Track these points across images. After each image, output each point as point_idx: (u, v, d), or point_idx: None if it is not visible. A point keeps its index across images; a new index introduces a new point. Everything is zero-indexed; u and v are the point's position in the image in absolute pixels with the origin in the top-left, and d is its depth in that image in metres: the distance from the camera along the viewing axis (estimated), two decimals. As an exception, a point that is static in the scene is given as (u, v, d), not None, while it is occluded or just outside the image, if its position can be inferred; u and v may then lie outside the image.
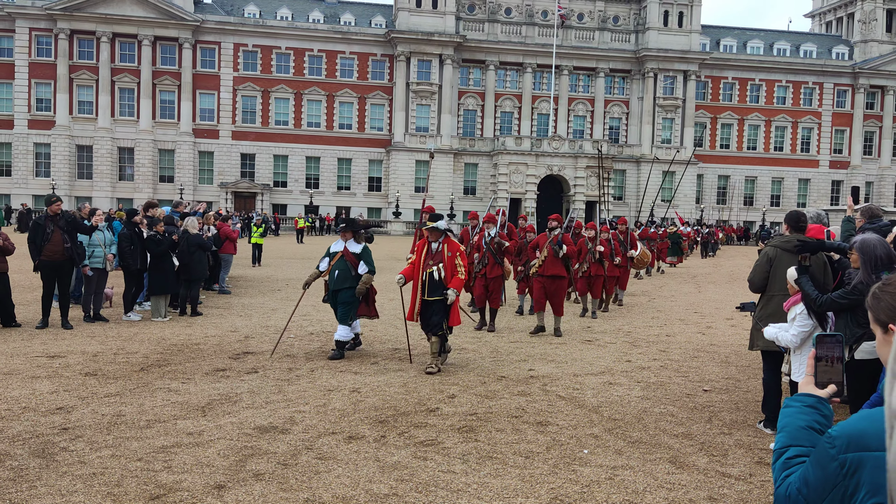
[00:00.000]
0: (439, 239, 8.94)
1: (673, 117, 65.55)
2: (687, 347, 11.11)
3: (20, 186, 57.30)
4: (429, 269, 8.81)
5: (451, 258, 8.82)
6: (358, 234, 9.81)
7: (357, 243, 9.72)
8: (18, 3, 56.52)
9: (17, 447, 5.68)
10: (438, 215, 9.20)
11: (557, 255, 11.43)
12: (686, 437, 6.45)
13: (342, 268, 9.60)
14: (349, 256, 9.66)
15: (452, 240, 8.99)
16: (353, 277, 9.54)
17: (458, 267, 8.79)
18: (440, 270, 8.76)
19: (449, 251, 8.85)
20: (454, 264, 8.80)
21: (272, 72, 61.13)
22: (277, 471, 5.32)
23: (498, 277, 12.06)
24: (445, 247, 8.89)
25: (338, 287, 9.57)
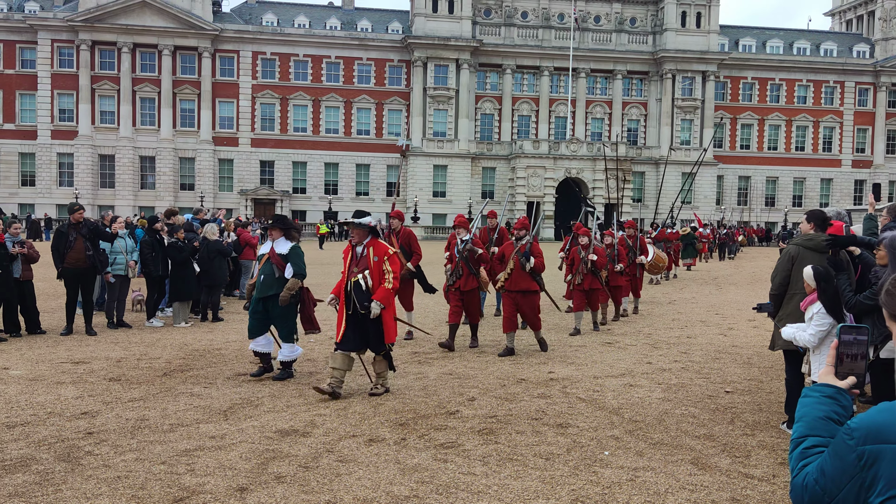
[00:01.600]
0: (364, 240, 7.57)
1: (692, 118, 65.14)
2: (708, 349, 11.03)
3: (44, 196, 58.09)
4: (354, 279, 7.46)
5: (378, 263, 7.46)
6: (288, 232, 8.58)
7: (287, 241, 8.50)
8: (40, 15, 57.38)
9: (43, 451, 5.76)
10: (363, 212, 7.76)
11: (524, 269, 9.83)
12: (708, 438, 6.40)
13: (267, 272, 8.39)
14: (275, 258, 8.40)
15: (380, 241, 7.63)
16: (279, 282, 8.32)
17: (386, 273, 7.43)
18: (366, 278, 7.42)
19: (375, 255, 7.48)
20: (382, 270, 7.45)
21: (290, 79, 61.55)
22: (299, 473, 5.35)
23: (474, 290, 10.76)
24: (371, 250, 7.51)
25: (262, 294, 8.35)
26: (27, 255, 11.13)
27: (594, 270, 12.06)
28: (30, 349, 10.15)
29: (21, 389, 7.78)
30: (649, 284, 21.30)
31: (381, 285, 7.40)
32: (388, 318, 7.54)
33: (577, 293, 12.15)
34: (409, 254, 10.93)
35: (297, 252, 8.43)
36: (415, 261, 11.03)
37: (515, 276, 9.89)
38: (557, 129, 64.70)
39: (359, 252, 7.58)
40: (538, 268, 9.94)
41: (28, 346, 10.43)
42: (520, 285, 9.90)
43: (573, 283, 12.22)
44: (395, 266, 7.54)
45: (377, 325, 7.46)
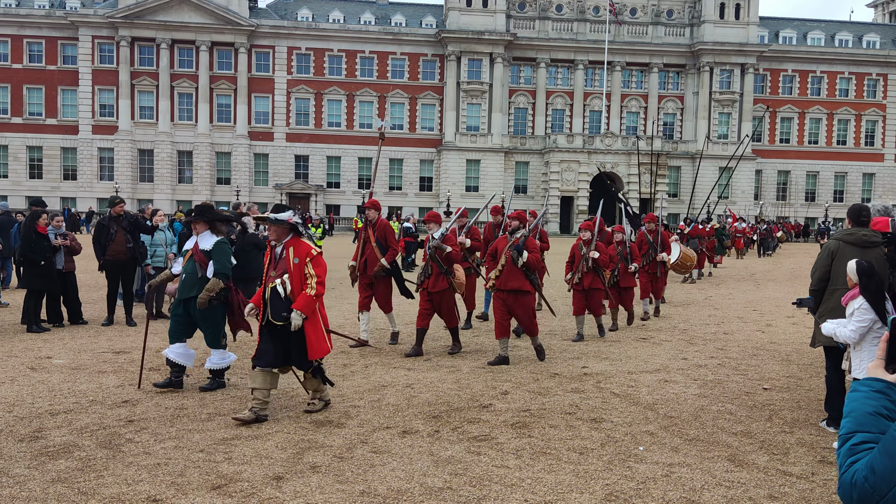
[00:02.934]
0: (283, 239, 6.55)
1: (730, 112, 64.12)
2: (745, 345, 10.88)
3: (85, 190, 59.29)
4: (271, 284, 6.50)
5: (298, 266, 6.43)
6: (214, 225, 7.59)
7: (213, 235, 7.53)
8: (81, 11, 58.49)
9: (86, 438, 5.90)
10: (282, 206, 6.74)
11: (516, 264, 8.87)
12: (745, 435, 6.32)
13: (189, 270, 7.46)
14: (198, 255, 7.47)
15: (302, 241, 6.55)
16: (201, 282, 7.36)
17: (309, 278, 6.39)
18: (285, 284, 6.44)
19: (296, 256, 6.43)
20: (303, 274, 6.43)
21: (325, 74, 61.92)
22: (334, 463, 5.41)
23: (445, 291, 9.62)
24: (291, 251, 6.47)
25: (183, 296, 7.44)
26: (70, 247, 11.38)
27: (596, 269, 10.86)
28: (72, 339, 10.39)
29: (64, 378, 7.97)
30: (683, 283, 20.83)
31: (303, 292, 6.37)
32: (313, 330, 6.47)
33: (576, 294, 11.01)
34: (385, 248, 9.93)
35: (221, 248, 7.43)
36: (390, 256, 9.93)
37: (507, 273, 8.97)
38: (592, 124, 64.17)
39: (278, 253, 6.57)
40: (532, 264, 8.93)
41: (70, 335, 10.67)
42: (511, 284, 8.94)
43: (571, 282, 11.03)
44: (319, 269, 6.42)
45: (299, 338, 6.44)
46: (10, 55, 58.55)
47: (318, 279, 6.41)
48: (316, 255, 6.50)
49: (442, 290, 9.54)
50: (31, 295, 10.96)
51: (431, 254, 9.49)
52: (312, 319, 6.45)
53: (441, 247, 9.47)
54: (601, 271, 10.95)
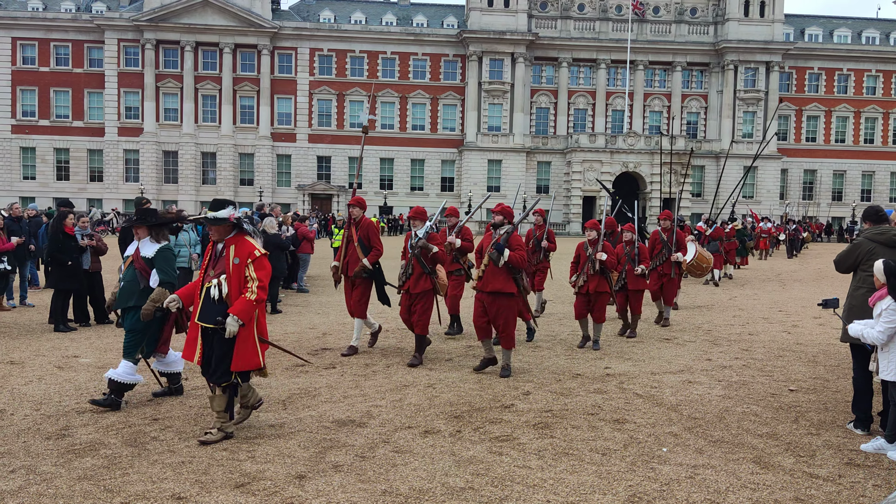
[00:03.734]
0: (224, 237, 5.95)
1: (755, 110, 63.44)
2: (771, 346, 10.75)
3: (111, 191, 60.05)
4: (208, 284, 5.93)
5: (238, 267, 5.83)
6: (156, 230, 7.00)
7: (154, 243, 6.96)
8: (107, 15, 59.24)
9: (111, 436, 5.97)
10: (221, 201, 6.01)
11: (497, 263, 8.06)
12: (771, 437, 6.24)
13: (129, 278, 6.95)
14: (139, 262, 6.95)
15: (246, 239, 5.95)
16: (142, 292, 6.81)
17: (250, 281, 5.80)
18: (221, 285, 5.85)
19: (236, 256, 5.86)
20: (243, 276, 5.84)
21: (347, 75, 62.17)
22: (356, 463, 5.42)
23: (427, 293, 8.95)
24: (232, 249, 5.89)
25: (122, 305, 6.90)
26: (96, 247, 11.53)
27: (603, 271, 10.08)
28: (98, 338, 10.51)
29: (90, 377, 8.07)
30: (705, 285, 20.42)
31: (242, 296, 5.78)
32: (245, 339, 5.82)
33: (579, 297, 10.27)
34: (367, 248, 9.29)
35: (164, 255, 6.90)
36: (372, 257, 9.28)
37: (489, 273, 8.18)
38: (614, 123, 63.80)
39: (218, 251, 6.00)
40: (516, 263, 8.08)
41: (97, 335, 10.81)
42: (492, 285, 8.14)
43: (576, 284, 10.28)
44: (262, 272, 5.83)
45: (227, 346, 5.82)
46: (38, 58, 59.45)
47: (259, 283, 5.79)
48: (260, 256, 5.87)
49: (424, 290, 8.89)
50: (59, 295, 11.11)
51: (416, 253, 8.85)
52: (247, 328, 5.82)
53: (427, 246, 8.86)
54: (608, 274, 10.17)
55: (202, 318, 5.88)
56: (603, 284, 10.12)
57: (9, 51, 59.11)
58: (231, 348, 5.82)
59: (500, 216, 8.36)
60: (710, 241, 20.09)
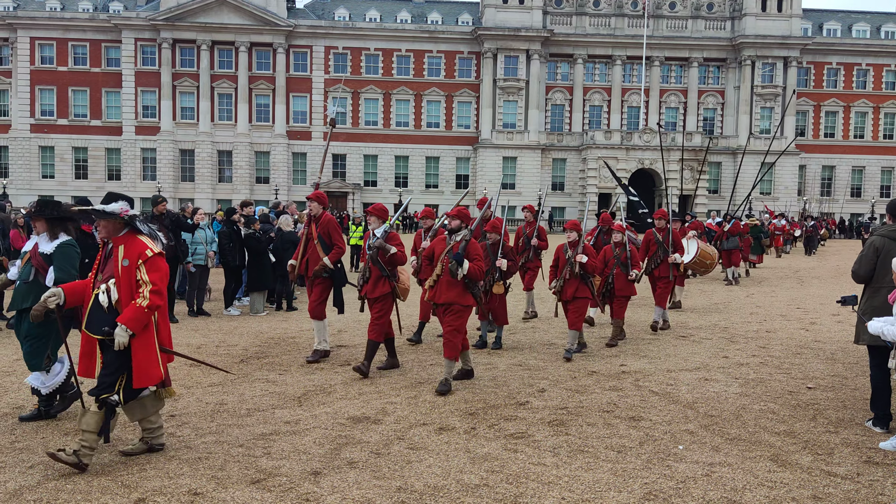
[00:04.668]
0: (113, 235, 5.29)
1: (772, 106, 62.87)
2: (789, 344, 10.66)
3: (129, 189, 60.44)
4: (96, 290, 5.30)
5: (128, 269, 5.17)
6: (56, 224, 6.28)
7: (52, 240, 6.24)
8: (124, 14, 59.69)
9: (129, 433, 6.02)
10: (114, 195, 5.35)
11: (455, 276, 7.38)
12: (788, 434, 6.19)
13: (25, 276, 6.32)
14: (36, 259, 6.29)
15: (137, 238, 5.27)
16: (39, 291, 5.98)
17: (142, 285, 5.14)
18: (110, 291, 5.22)
19: (126, 257, 5.19)
20: (134, 280, 5.17)
21: (361, 73, 62.27)
22: (371, 459, 5.44)
23: (385, 298, 8.21)
24: (122, 250, 5.22)
25: (17, 307, 6.32)
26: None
27: (584, 275, 9.25)
28: (116, 335, 10.59)
29: (108, 373, 8.13)
30: (726, 284, 19.66)
31: (132, 302, 5.12)
32: (143, 351, 5.17)
33: (563, 306, 9.48)
34: (329, 247, 8.79)
35: (64, 251, 6.18)
36: (333, 255, 8.77)
37: (443, 284, 7.50)
38: (630, 119, 63.49)
39: (108, 252, 5.36)
40: (474, 276, 7.42)
41: (115, 332, 10.88)
42: (446, 296, 7.47)
43: (555, 290, 9.49)
44: (156, 274, 5.17)
45: (117, 358, 5.17)
46: (56, 58, 60.00)
47: (153, 287, 5.11)
48: (153, 256, 5.19)
49: (383, 295, 8.17)
50: (77, 292, 11.19)
51: (372, 255, 8.14)
52: (143, 337, 5.16)
53: (384, 247, 8.09)
54: (589, 278, 9.32)
55: (89, 328, 5.23)
56: (583, 290, 9.26)
57: (27, 51, 59.70)
58: (122, 361, 5.14)
59: (456, 220, 7.63)
60: (728, 238, 19.60)
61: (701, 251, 14.06)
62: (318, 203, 8.97)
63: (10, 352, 9.22)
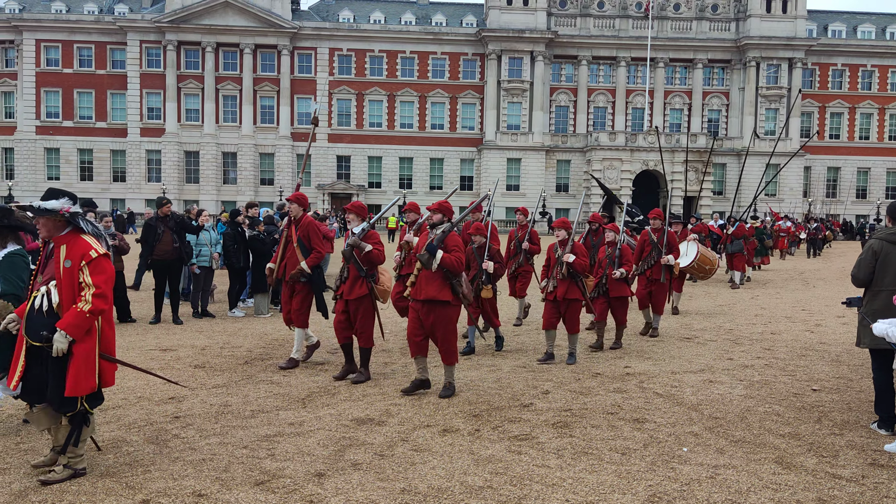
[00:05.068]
0: (54, 234, 4.97)
1: (777, 107, 62.78)
2: (794, 346, 10.63)
3: (133, 191, 60.68)
4: (35, 293, 5.01)
5: (70, 271, 4.85)
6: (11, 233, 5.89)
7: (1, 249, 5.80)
8: (129, 17, 59.88)
9: (133, 434, 6.03)
10: (56, 191, 5.05)
11: (428, 267, 7.07)
12: (793, 437, 6.18)
13: None
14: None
15: (81, 238, 4.94)
16: None
17: (85, 289, 4.82)
18: (50, 293, 4.92)
19: (68, 257, 4.87)
20: (76, 282, 4.85)
21: (366, 75, 62.36)
22: (374, 461, 5.44)
23: (364, 300, 7.85)
24: (63, 250, 4.90)
25: None
26: (118, 246, 11.65)
27: (574, 275, 8.91)
28: (121, 337, 10.63)
29: (113, 374, 8.14)
30: (731, 288, 18.93)
31: (73, 306, 4.81)
32: (82, 358, 4.83)
33: (547, 304, 9.12)
34: (308, 250, 8.45)
35: (11, 261, 5.76)
36: (312, 260, 8.43)
37: (422, 279, 7.18)
38: (634, 121, 63.46)
39: (49, 252, 5.08)
40: (450, 266, 7.03)
41: (119, 333, 10.91)
42: (426, 292, 7.12)
43: (546, 290, 9.12)
44: (100, 277, 4.85)
45: (59, 367, 4.84)
46: (61, 60, 60.22)
47: (96, 290, 4.80)
48: (97, 257, 4.87)
49: (360, 296, 7.80)
50: (82, 293, 11.21)
51: (348, 253, 7.75)
52: (84, 344, 4.84)
53: (359, 245, 7.71)
54: (580, 278, 8.97)
55: (28, 333, 4.87)
56: (574, 290, 8.93)
57: (33, 53, 59.92)
58: (64, 370, 4.80)
59: (438, 214, 7.30)
60: (733, 241, 19.15)
61: (701, 255, 13.64)
62: (297, 204, 8.59)
63: (15, 353, 9.24)
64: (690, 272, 13.96)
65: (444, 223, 7.32)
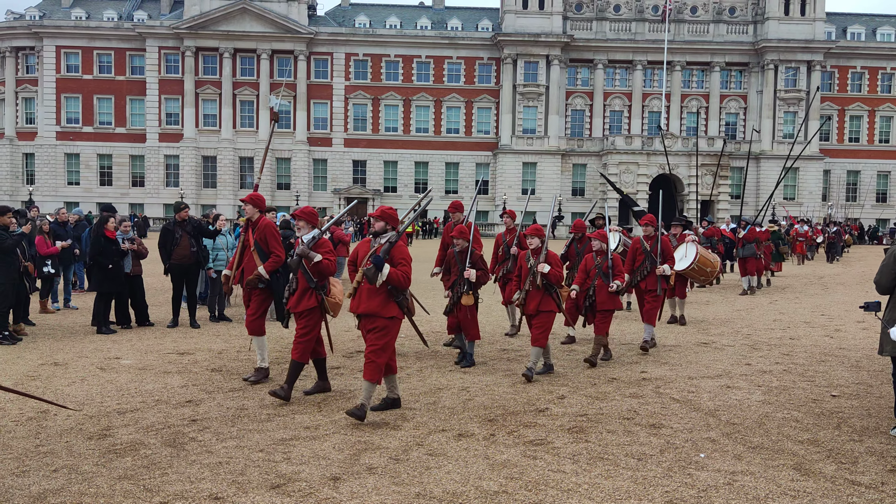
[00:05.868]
0: None
1: (795, 111, 62.29)
2: (813, 351, 10.53)
3: (152, 196, 61.22)
4: None
5: None
6: None
7: None
8: (148, 23, 60.49)
9: (151, 437, 6.08)
10: None
11: (373, 282, 6.40)
12: (812, 443, 6.12)
13: None
14: None
15: None
16: None
17: None
18: None
19: None
20: None
21: (382, 79, 62.59)
22: (389, 465, 5.44)
23: (312, 312, 7.24)
24: None
25: None
26: (137, 250, 11.75)
27: (548, 286, 8.22)
28: (139, 340, 10.72)
29: (131, 378, 8.22)
30: (741, 296, 18.11)
31: None
32: None
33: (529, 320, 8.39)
34: (266, 254, 8.05)
35: None
36: (270, 265, 7.98)
37: (363, 292, 6.53)
38: (651, 125, 63.20)
39: None
40: (397, 282, 6.42)
41: (138, 337, 11.01)
42: (366, 306, 6.50)
43: (517, 302, 8.50)
44: None
45: None
46: (81, 66, 60.94)
47: None
48: None
49: (308, 309, 7.20)
50: (101, 297, 11.34)
51: (295, 263, 7.17)
52: None
53: (307, 254, 7.10)
54: (554, 290, 8.27)
55: None
56: (548, 302, 8.23)
57: (53, 59, 60.68)
58: None
59: (380, 222, 6.61)
60: (745, 245, 18.39)
61: (700, 257, 12.91)
62: (252, 205, 8.01)
63: (35, 356, 9.36)
64: (690, 276, 13.06)
65: (389, 232, 6.62)
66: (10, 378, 8.11)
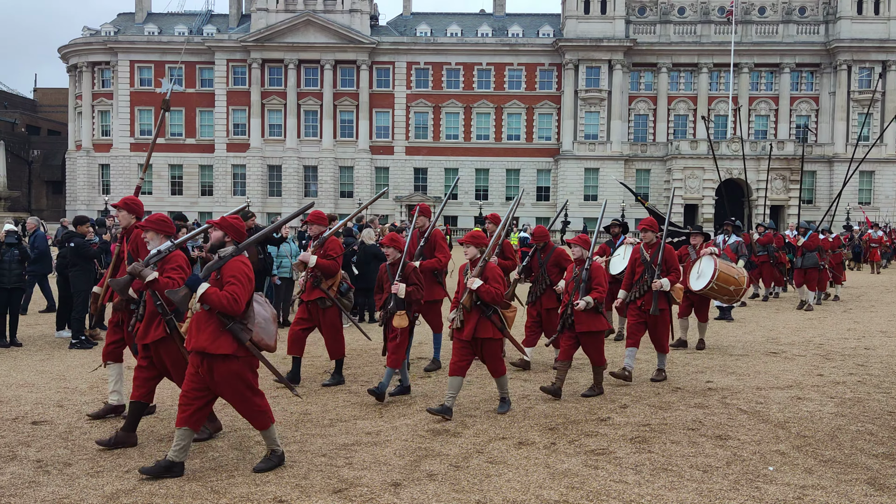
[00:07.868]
0: None
1: (871, 112, 59.91)
2: (890, 362, 10.11)
3: (220, 204, 62.90)
4: None
5: None
6: None
7: None
8: (217, 37, 62.34)
9: (218, 440, 6.24)
10: None
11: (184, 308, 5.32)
12: (887, 457, 5.87)
13: None
14: None
15: None
16: None
17: None
18: None
19: None
20: None
21: (443, 87, 62.93)
22: (450, 472, 5.46)
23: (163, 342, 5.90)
24: None
25: None
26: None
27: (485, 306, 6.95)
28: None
29: (200, 381, 8.45)
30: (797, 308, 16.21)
31: None
32: None
33: (455, 344, 7.14)
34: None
35: None
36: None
37: (193, 324, 5.35)
38: (717, 128, 61.73)
39: None
40: (218, 305, 5.10)
41: (206, 342, 11.31)
42: (197, 341, 5.27)
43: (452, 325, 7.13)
44: None
45: None
46: (154, 80, 63.16)
47: None
48: None
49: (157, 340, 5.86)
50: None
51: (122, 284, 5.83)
52: None
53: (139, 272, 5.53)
54: (493, 311, 6.98)
55: None
56: (485, 328, 6.91)
57: (127, 73, 63.07)
58: None
59: (217, 232, 5.38)
60: (804, 254, 16.45)
61: (720, 274, 10.51)
62: (127, 212, 6.62)
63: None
64: (710, 295, 10.90)
65: (229, 245, 5.35)
66: (88, 380, 8.44)
